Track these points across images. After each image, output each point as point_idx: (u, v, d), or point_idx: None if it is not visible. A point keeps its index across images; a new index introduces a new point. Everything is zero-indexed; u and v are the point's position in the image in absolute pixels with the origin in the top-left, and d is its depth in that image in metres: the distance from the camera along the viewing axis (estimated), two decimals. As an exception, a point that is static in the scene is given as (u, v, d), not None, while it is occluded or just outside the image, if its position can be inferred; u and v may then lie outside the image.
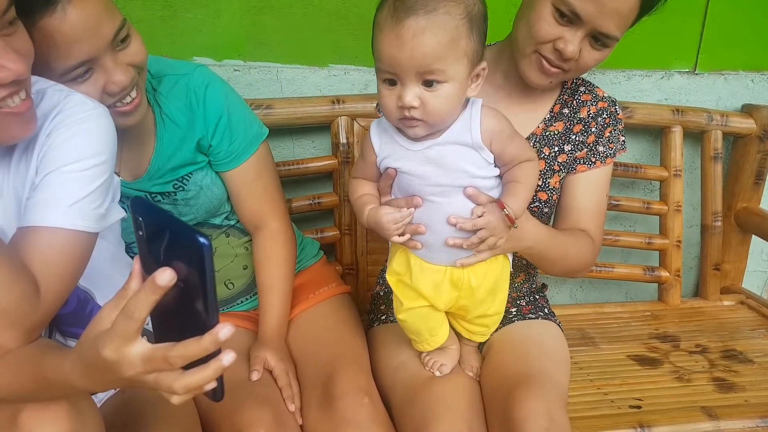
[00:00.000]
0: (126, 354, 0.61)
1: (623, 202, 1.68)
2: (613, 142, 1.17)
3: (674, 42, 1.68)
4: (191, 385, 0.61)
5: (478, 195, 0.92)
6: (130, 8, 1.41)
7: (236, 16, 1.48)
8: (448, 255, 0.97)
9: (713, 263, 1.78)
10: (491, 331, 1.12)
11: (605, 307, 1.72)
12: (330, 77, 1.57)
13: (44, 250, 0.80)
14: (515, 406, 0.99)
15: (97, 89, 0.92)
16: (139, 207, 0.61)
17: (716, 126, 1.69)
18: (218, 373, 0.61)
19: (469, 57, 0.86)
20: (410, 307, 1.04)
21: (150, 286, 0.58)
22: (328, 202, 1.57)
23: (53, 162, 0.83)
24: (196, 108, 1.09)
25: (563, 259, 1.10)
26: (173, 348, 0.60)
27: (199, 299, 0.58)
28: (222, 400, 0.65)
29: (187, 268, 0.58)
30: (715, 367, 1.46)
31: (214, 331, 0.58)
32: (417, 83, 0.85)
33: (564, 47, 1.00)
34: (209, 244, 0.56)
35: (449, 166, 0.91)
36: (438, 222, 0.94)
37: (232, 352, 0.61)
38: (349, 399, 1.06)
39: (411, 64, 0.83)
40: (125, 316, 0.60)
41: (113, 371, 0.63)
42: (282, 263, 1.22)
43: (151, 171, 1.10)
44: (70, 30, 0.86)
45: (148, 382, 0.63)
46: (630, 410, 1.30)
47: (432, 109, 0.86)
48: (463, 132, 0.90)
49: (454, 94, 0.87)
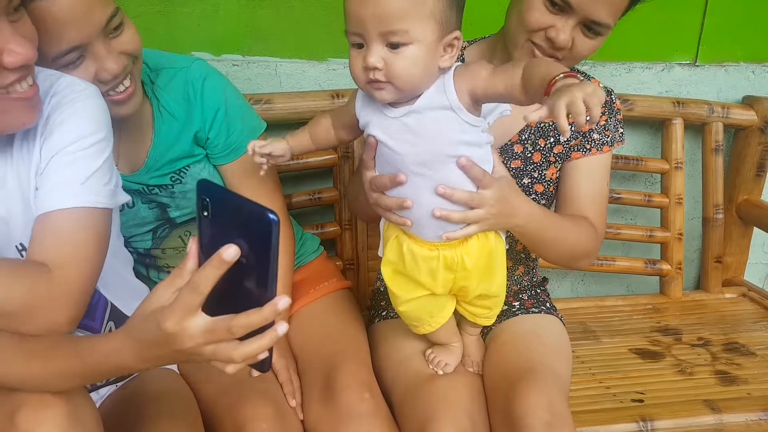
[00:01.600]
0: (187, 326, 0.65)
1: (624, 195, 1.68)
2: (609, 131, 1.16)
3: (675, 34, 1.68)
4: (249, 353, 0.65)
5: (472, 167, 0.89)
6: (128, 2, 1.39)
7: (234, 10, 1.47)
8: (436, 228, 0.94)
9: (715, 256, 1.78)
10: (494, 313, 1.09)
11: (607, 301, 1.72)
12: (329, 71, 1.56)
13: (65, 232, 0.82)
14: (517, 400, 0.99)
15: (88, 76, 0.92)
16: (206, 188, 0.64)
17: (717, 118, 1.68)
18: (274, 341, 0.66)
19: (437, 19, 0.82)
20: (409, 299, 1.03)
21: (216, 261, 0.62)
22: (328, 197, 1.56)
23: (55, 145, 0.83)
24: (194, 101, 1.08)
25: (559, 242, 1.07)
26: (235, 318, 0.64)
27: (258, 274, 0.62)
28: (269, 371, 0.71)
29: (250, 244, 0.62)
30: (717, 360, 1.45)
31: (273, 302, 0.63)
32: (381, 44, 0.82)
33: (556, 36, 1.00)
34: (278, 220, 0.60)
35: (428, 133, 0.88)
36: (425, 195, 0.91)
37: (286, 323, 0.66)
38: (350, 393, 1.05)
39: (374, 21, 0.80)
40: (191, 290, 0.64)
41: (170, 344, 0.66)
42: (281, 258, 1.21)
43: (148, 163, 1.09)
44: (61, 13, 0.86)
45: (206, 353, 0.66)
46: (632, 404, 1.29)
47: (397, 71, 0.83)
48: (438, 94, 0.87)
49: (420, 57, 0.83)
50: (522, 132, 1.16)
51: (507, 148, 1.17)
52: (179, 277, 0.67)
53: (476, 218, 0.92)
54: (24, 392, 0.77)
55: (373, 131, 0.92)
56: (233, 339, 0.65)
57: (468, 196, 0.91)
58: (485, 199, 0.91)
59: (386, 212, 0.96)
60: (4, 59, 0.74)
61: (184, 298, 0.64)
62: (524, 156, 1.17)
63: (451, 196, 0.90)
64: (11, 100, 0.78)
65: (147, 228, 1.14)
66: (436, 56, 0.85)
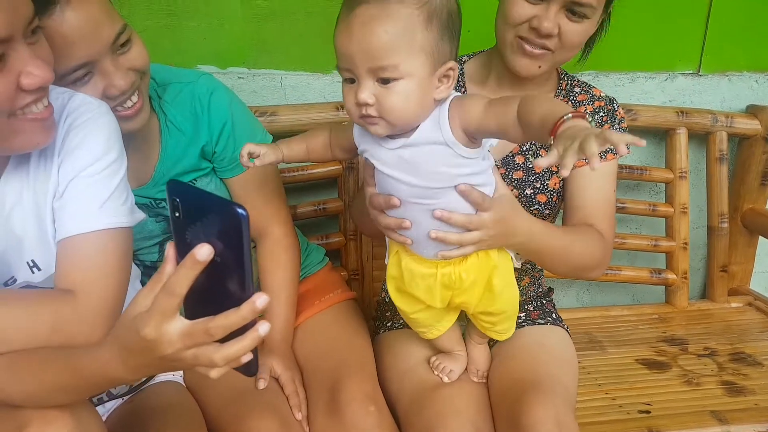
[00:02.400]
0: (165, 331, 0.63)
1: (629, 205, 1.68)
2: None
3: (678, 43, 1.68)
4: (231, 355, 0.63)
5: (471, 192, 0.88)
6: (134, 17, 1.42)
7: (240, 24, 1.48)
8: (436, 248, 0.93)
9: (720, 265, 1.78)
10: (501, 328, 1.07)
11: (612, 311, 1.71)
12: (334, 83, 1.57)
13: (89, 256, 0.83)
14: (524, 412, 0.99)
15: (97, 92, 0.93)
16: (175, 188, 0.63)
17: (721, 127, 1.68)
18: (255, 342, 0.63)
19: (428, 52, 0.80)
20: (413, 311, 1.04)
21: (189, 262, 0.60)
22: (333, 207, 1.57)
23: (72, 168, 0.85)
24: (201, 115, 1.09)
25: (566, 255, 1.06)
26: (213, 320, 0.62)
27: (233, 273, 0.61)
28: (255, 374, 0.67)
29: (223, 243, 0.60)
30: (723, 370, 1.45)
31: (251, 300, 0.61)
32: (372, 79, 0.80)
33: (539, 24, 1.00)
34: (247, 214, 0.58)
35: (424, 167, 0.86)
36: (423, 216, 0.91)
37: (267, 322, 0.63)
38: (356, 407, 1.05)
39: (361, 57, 0.78)
40: (166, 293, 0.62)
41: (152, 351, 0.64)
42: (287, 269, 1.22)
43: (156, 177, 1.10)
44: (69, 31, 0.87)
45: (187, 358, 0.64)
46: (639, 415, 1.29)
47: (388, 107, 0.80)
48: (433, 129, 0.85)
49: (412, 91, 0.80)
50: (524, 143, 1.17)
51: (508, 159, 1.17)
52: (158, 282, 0.65)
53: (472, 240, 0.92)
54: (29, 409, 0.77)
55: (371, 160, 0.92)
56: (213, 342, 0.63)
57: (466, 219, 0.90)
58: (483, 222, 0.91)
59: (386, 230, 0.96)
60: (22, 81, 0.75)
61: (160, 303, 0.63)
62: (526, 167, 1.17)
63: (448, 219, 0.89)
64: (27, 121, 0.78)
65: (154, 241, 1.15)
66: (430, 89, 0.83)
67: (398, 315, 1.29)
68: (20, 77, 0.75)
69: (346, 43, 0.80)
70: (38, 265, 0.88)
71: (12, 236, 0.86)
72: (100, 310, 0.82)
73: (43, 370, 0.76)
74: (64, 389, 0.76)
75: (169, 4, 1.44)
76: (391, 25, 0.78)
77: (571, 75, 1.21)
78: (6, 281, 0.88)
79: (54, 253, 0.86)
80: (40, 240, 0.87)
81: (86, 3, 0.88)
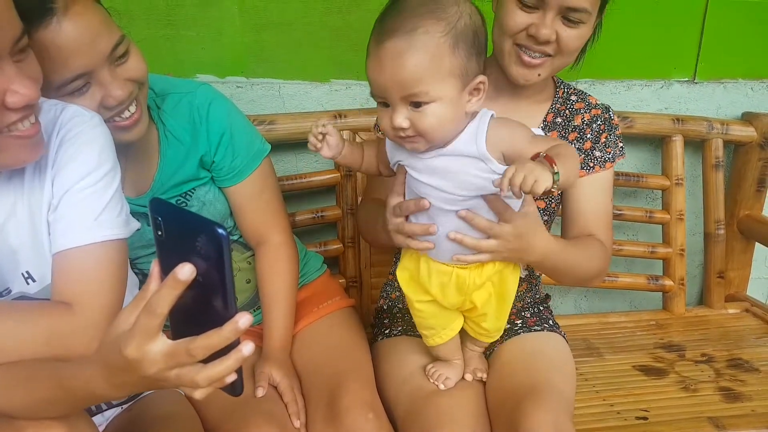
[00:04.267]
0: (148, 351, 0.62)
1: (626, 212, 1.69)
2: (610, 147, 1.17)
3: (673, 51, 1.69)
4: (213, 376, 0.62)
5: (496, 200, 0.91)
6: (133, 27, 1.42)
7: (238, 33, 1.49)
8: (450, 251, 0.96)
9: (717, 271, 1.78)
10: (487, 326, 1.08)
11: (610, 317, 1.72)
12: (332, 92, 1.58)
13: (84, 269, 0.84)
14: (522, 419, 0.99)
15: (94, 103, 0.93)
16: (157, 207, 0.62)
17: (717, 134, 1.69)
18: (239, 362, 0.62)
19: (456, 75, 0.84)
20: (421, 300, 1.04)
21: (171, 282, 0.59)
22: (331, 215, 1.57)
23: (66, 182, 0.85)
24: (199, 125, 1.10)
25: (574, 268, 1.09)
26: (194, 340, 0.61)
27: (217, 293, 0.60)
28: (241, 395, 0.67)
29: (205, 262, 0.59)
30: (721, 376, 1.45)
31: (234, 320, 0.60)
32: (405, 105, 0.85)
33: (536, 32, 1.01)
34: (227, 234, 0.58)
35: (454, 178, 0.91)
36: (444, 218, 0.93)
37: (251, 342, 0.62)
38: (354, 414, 1.06)
39: (393, 87, 0.83)
40: (147, 313, 0.61)
41: (135, 370, 0.63)
42: (285, 277, 1.22)
43: (154, 187, 1.11)
44: (66, 42, 0.87)
45: (170, 378, 0.63)
46: (636, 421, 1.29)
47: (423, 128, 0.85)
48: (469, 143, 0.89)
49: (444, 112, 0.85)
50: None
51: None
52: (142, 299, 0.64)
53: (489, 248, 0.94)
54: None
55: (402, 164, 0.95)
56: (195, 362, 0.62)
57: (487, 225, 0.92)
58: (503, 233, 0.93)
59: (406, 239, 0.97)
60: (7, 100, 0.75)
61: (141, 322, 0.62)
62: None
63: (471, 220, 0.92)
64: (13, 139, 0.78)
65: (152, 250, 1.15)
66: (462, 105, 0.87)
67: (396, 322, 1.30)
68: (6, 96, 0.75)
69: (378, 74, 0.84)
70: (33, 277, 0.89)
71: (6, 248, 0.86)
72: (97, 322, 0.82)
73: (31, 384, 0.76)
74: (52, 403, 0.75)
75: (168, 14, 1.45)
76: (419, 57, 0.82)
77: (567, 83, 1.22)
78: (0, 292, 0.88)
79: (49, 265, 0.87)
80: (35, 251, 0.87)
81: (83, 14, 0.89)
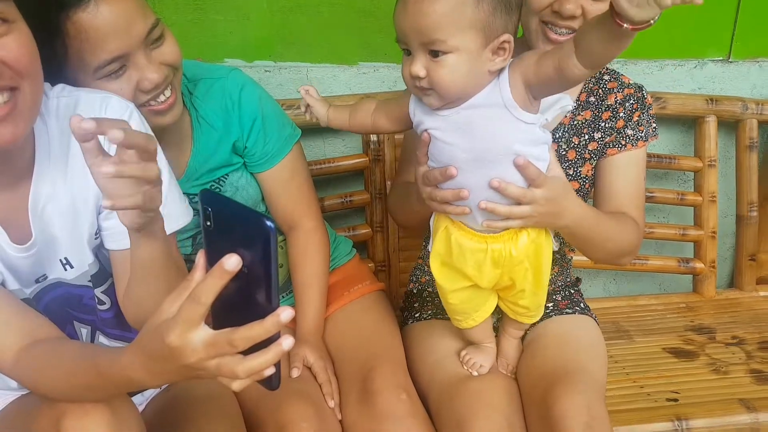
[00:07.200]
0: (190, 340, 0.62)
1: (657, 194, 1.66)
2: (642, 126, 1.16)
3: (707, 30, 1.65)
4: (253, 369, 0.62)
5: (528, 166, 0.89)
6: (161, 11, 1.40)
7: (266, 16, 1.49)
8: (481, 217, 0.95)
9: (749, 254, 1.75)
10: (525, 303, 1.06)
11: (639, 300, 1.71)
12: (359, 75, 1.57)
13: None
14: (555, 402, 1.00)
15: (131, 86, 0.95)
16: (208, 198, 0.63)
17: (751, 115, 1.65)
18: (278, 356, 0.63)
19: (478, 27, 0.83)
20: (454, 289, 1.03)
21: (217, 272, 0.60)
22: (359, 199, 1.58)
23: None
24: (231, 111, 1.11)
25: (607, 241, 1.07)
26: (236, 331, 0.61)
27: (260, 285, 0.61)
28: (278, 389, 0.67)
29: (251, 254, 0.60)
30: (752, 358, 1.44)
31: (276, 313, 0.61)
32: (424, 53, 0.85)
33: (560, 7, 1.00)
34: (275, 227, 0.59)
35: (481, 131, 0.89)
36: (476, 185, 0.92)
37: (291, 337, 0.62)
38: (388, 394, 1.08)
39: (413, 33, 0.84)
40: (192, 301, 0.62)
41: (175, 359, 0.64)
42: (317, 262, 1.24)
43: (188, 173, 1.12)
44: (103, 24, 0.89)
45: (210, 368, 0.64)
46: (667, 403, 1.29)
47: (438, 79, 0.85)
48: (492, 92, 0.88)
49: (461, 65, 0.84)
50: (556, 131, 1.17)
51: None
52: (186, 289, 0.65)
53: (521, 214, 0.93)
54: None
55: (426, 127, 0.94)
56: (236, 353, 0.63)
57: (521, 192, 0.91)
58: (536, 198, 0.92)
59: (441, 205, 0.96)
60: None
61: (185, 311, 0.62)
62: (559, 154, 1.17)
63: (504, 190, 0.90)
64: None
65: (187, 235, 1.17)
66: (482, 62, 0.86)
67: (426, 305, 1.30)
68: None
69: (402, 19, 0.86)
70: (71, 263, 0.91)
71: (47, 234, 0.88)
72: None
73: (72, 371, 0.77)
74: (91, 389, 0.77)
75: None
76: (441, 4, 0.83)
77: None
78: (37, 278, 0.90)
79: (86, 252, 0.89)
80: (74, 238, 0.89)
81: None
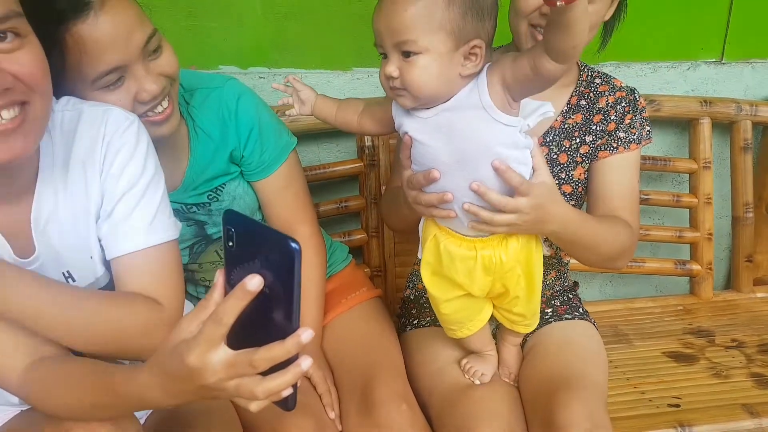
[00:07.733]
0: (210, 360, 0.62)
1: (652, 196, 1.66)
2: (635, 128, 1.16)
3: (700, 31, 1.66)
4: (272, 389, 0.63)
5: (507, 170, 0.88)
6: (155, 19, 1.39)
7: (260, 23, 1.48)
8: (466, 219, 0.94)
9: (745, 255, 1.76)
10: (530, 322, 1.07)
11: (636, 303, 1.70)
12: (354, 81, 1.57)
13: (150, 269, 0.89)
14: (557, 410, 0.99)
15: (129, 97, 0.94)
16: (231, 218, 0.64)
17: (745, 116, 1.66)
18: (297, 376, 0.63)
19: (448, 30, 0.84)
20: (447, 299, 1.03)
21: (239, 292, 0.60)
22: (354, 205, 1.57)
23: (115, 191, 0.88)
24: (228, 120, 1.10)
25: (597, 245, 1.06)
26: (257, 352, 0.61)
27: (280, 305, 0.61)
28: (293, 410, 0.67)
29: (273, 274, 0.60)
30: (752, 362, 1.44)
31: (296, 334, 0.61)
32: (397, 54, 0.87)
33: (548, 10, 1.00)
34: (300, 248, 0.58)
35: (460, 132, 0.89)
36: (461, 188, 0.91)
37: (310, 358, 0.63)
38: (388, 405, 1.06)
39: (387, 33, 0.86)
40: (213, 322, 0.62)
41: (194, 379, 0.64)
42: (314, 269, 1.23)
43: (186, 183, 1.11)
44: (102, 36, 0.89)
45: (229, 389, 0.64)
46: (669, 409, 1.29)
47: (410, 79, 0.86)
48: (471, 94, 0.88)
49: (432, 66, 0.85)
50: (546, 134, 1.16)
51: None
52: (204, 308, 0.65)
53: (505, 222, 0.91)
54: None
55: (407, 130, 0.94)
56: (256, 374, 0.62)
57: (502, 201, 0.90)
58: (520, 207, 0.90)
59: (428, 208, 0.95)
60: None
61: (207, 331, 0.62)
62: (550, 158, 1.17)
63: (484, 194, 0.90)
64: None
65: (185, 245, 1.16)
66: (454, 65, 0.87)
67: (424, 312, 1.29)
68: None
69: (377, 20, 0.88)
70: (73, 276, 0.90)
71: (50, 249, 0.87)
72: (177, 317, 0.88)
73: (81, 388, 0.77)
74: (100, 408, 0.76)
75: (190, 5, 1.44)
76: (413, 5, 0.84)
77: (591, 66, 1.20)
78: None
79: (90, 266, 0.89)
80: (76, 253, 0.88)
81: (119, 8, 0.90)
